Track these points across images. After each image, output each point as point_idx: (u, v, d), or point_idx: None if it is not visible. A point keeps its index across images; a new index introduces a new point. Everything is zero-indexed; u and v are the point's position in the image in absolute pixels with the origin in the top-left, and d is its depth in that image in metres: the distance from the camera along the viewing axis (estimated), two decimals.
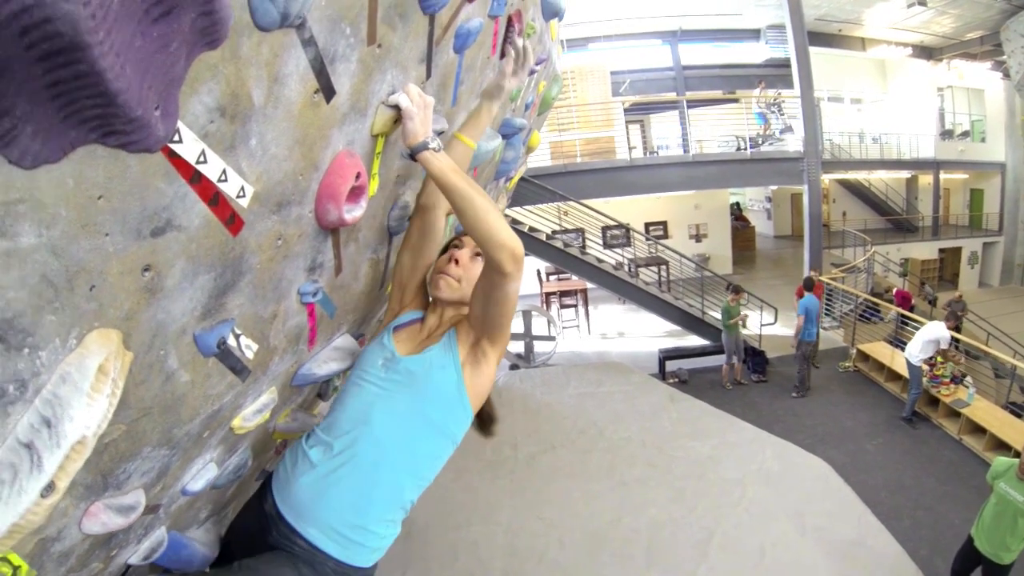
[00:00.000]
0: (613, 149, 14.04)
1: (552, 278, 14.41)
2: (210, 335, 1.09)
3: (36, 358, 0.73)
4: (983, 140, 18.61)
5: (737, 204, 22.30)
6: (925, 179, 18.85)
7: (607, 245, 12.62)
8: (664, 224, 16.99)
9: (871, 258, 14.05)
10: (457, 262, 1.72)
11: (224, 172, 0.88)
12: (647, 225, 16.82)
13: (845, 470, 6.63)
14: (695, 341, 11.04)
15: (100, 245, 0.74)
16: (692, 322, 10.90)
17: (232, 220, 0.96)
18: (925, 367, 7.82)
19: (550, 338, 11.53)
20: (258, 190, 1.00)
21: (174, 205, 0.83)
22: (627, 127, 16.21)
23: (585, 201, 11.40)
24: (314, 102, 1.05)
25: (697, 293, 11.18)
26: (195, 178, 0.83)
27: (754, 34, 18.00)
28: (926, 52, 18.51)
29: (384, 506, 1.53)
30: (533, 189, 10.62)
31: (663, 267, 12.37)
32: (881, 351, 9.47)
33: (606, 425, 7.25)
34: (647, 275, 12.43)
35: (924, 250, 17.94)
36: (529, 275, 13.07)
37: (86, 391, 0.79)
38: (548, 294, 13.28)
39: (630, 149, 15.58)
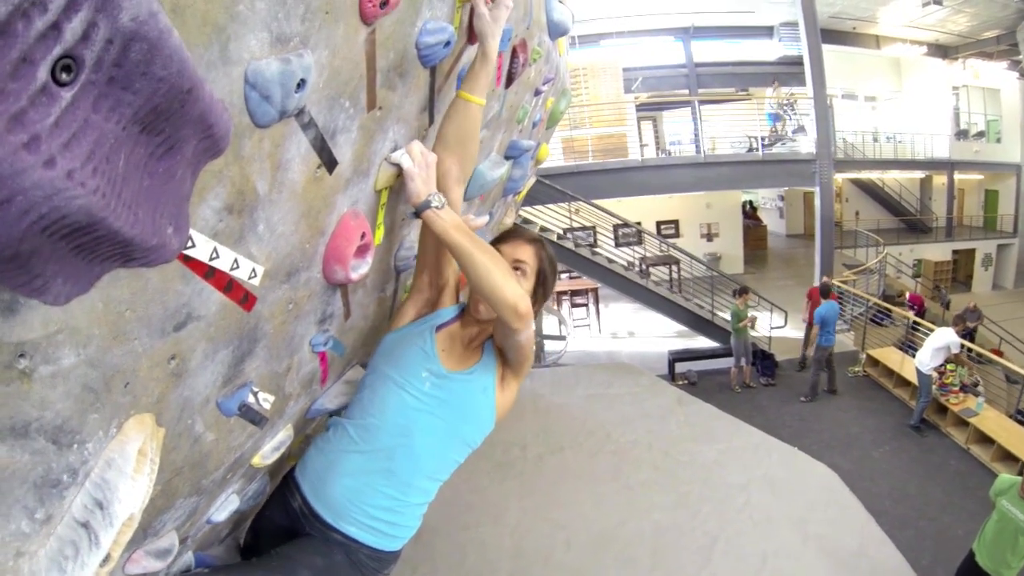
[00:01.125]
0: (625, 146, 14.03)
1: (563, 276, 14.45)
2: (231, 400, 1.16)
3: (84, 450, 0.82)
4: (999, 140, 18.43)
5: (750, 202, 22.21)
6: (939, 179, 18.70)
7: (619, 243, 12.64)
8: (676, 223, 16.99)
9: (883, 260, 13.98)
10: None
11: (236, 261, 0.94)
12: (659, 224, 16.82)
13: (850, 477, 6.65)
14: (705, 343, 11.07)
15: (130, 349, 0.82)
16: (701, 324, 10.93)
17: (246, 299, 1.03)
18: (935, 375, 7.81)
19: (561, 337, 11.60)
20: (268, 268, 1.06)
21: (192, 300, 0.90)
22: (639, 123, 16.20)
23: (596, 200, 11.44)
24: (317, 176, 1.10)
25: (708, 293, 11.21)
26: (209, 273, 0.90)
27: (767, 31, 17.90)
28: (941, 51, 18.35)
29: (415, 506, 1.63)
30: (544, 188, 10.65)
31: (674, 266, 12.38)
32: (891, 357, 9.47)
33: (614, 427, 7.29)
34: (658, 274, 12.45)
35: (937, 251, 17.83)
36: None
37: (130, 474, 0.87)
38: (559, 293, 13.31)
39: (642, 147, 15.58)
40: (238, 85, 0.80)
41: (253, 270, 1.00)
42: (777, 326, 10.95)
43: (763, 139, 13.16)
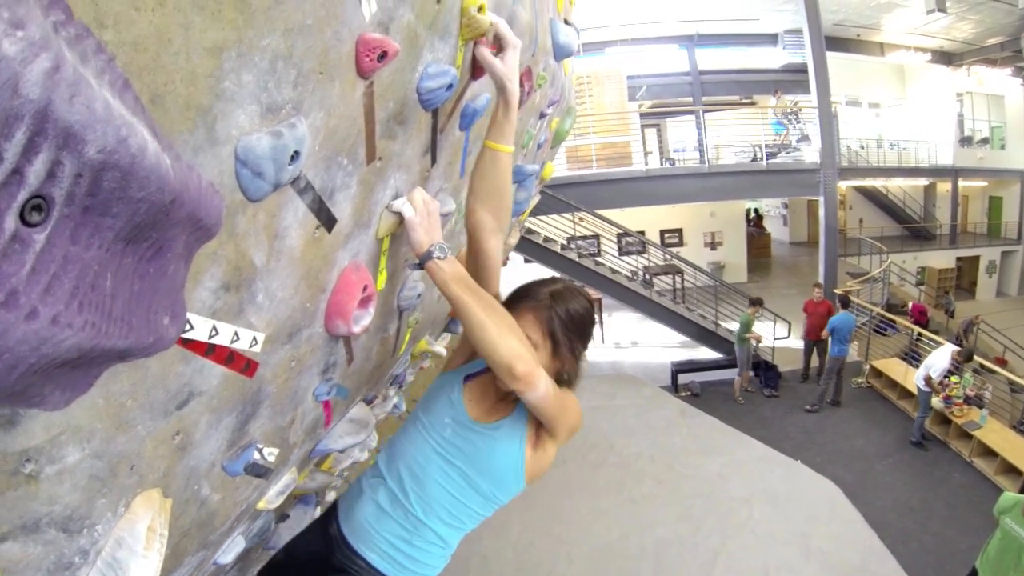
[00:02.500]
0: (629, 155, 14.05)
1: None
2: (237, 463, 1.19)
3: (94, 532, 0.84)
4: (1003, 147, 18.43)
5: (756, 210, 22.20)
6: (943, 186, 18.69)
7: (622, 252, 12.65)
8: (679, 231, 16.99)
9: (887, 268, 13.96)
10: None
11: (236, 334, 0.96)
12: (662, 232, 16.83)
13: (853, 491, 6.66)
14: (708, 354, 11.07)
15: (134, 435, 0.84)
16: (705, 335, 10.93)
17: (247, 367, 1.06)
18: (938, 386, 7.78)
19: None
20: (269, 333, 1.08)
21: (193, 379, 0.93)
22: (643, 131, 16.21)
23: (600, 210, 11.46)
24: (316, 237, 1.10)
25: (712, 303, 11.22)
26: (209, 350, 0.92)
27: (771, 39, 17.90)
28: (945, 57, 18.35)
29: (433, 546, 1.60)
30: (548, 199, 10.68)
31: (678, 276, 12.38)
32: (895, 368, 9.46)
33: (617, 439, 7.31)
34: (662, 283, 12.46)
35: (941, 259, 17.80)
36: None
37: (141, 552, 0.90)
38: None
39: (646, 155, 15.59)
40: (228, 164, 0.78)
41: (254, 338, 1.03)
42: (781, 337, 10.93)
43: (767, 148, 13.16)
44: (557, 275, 1.69)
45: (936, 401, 7.81)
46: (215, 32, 0.65)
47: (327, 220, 1.12)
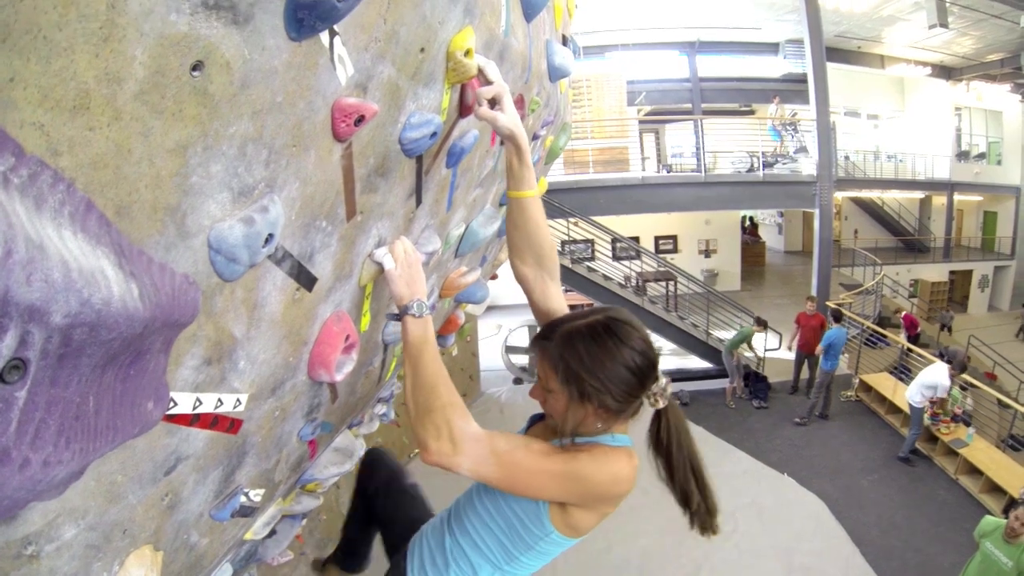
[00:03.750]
0: (626, 159, 14.06)
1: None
2: (224, 510, 1.22)
3: None
4: (999, 163, 18.53)
5: (751, 218, 22.25)
6: (939, 200, 18.79)
7: (616, 257, 12.66)
8: (674, 238, 17.03)
9: (881, 281, 14.02)
10: (539, 400, 1.43)
11: (219, 400, 0.99)
12: (657, 239, 16.87)
13: (838, 505, 6.71)
14: (698, 363, 11.12)
15: (125, 505, 0.87)
16: (696, 344, 10.96)
17: (232, 426, 1.08)
18: (928, 405, 7.80)
19: None
20: (252, 392, 1.10)
21: (179, 447, 0.95)
22: (641, 136, 16.21)
23: (596, 216, 11.48)
24: (296, 299, 1.10)
25: (703, 311, 11.26)
26: (194, 420, 0.95)
27: (772, 48, 17.93)
28: (945, 72, 18.40)
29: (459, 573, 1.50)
30: (544, 205, 10.66)
31: (671, 282, 12.39)
32: (884, 383, 9.50)
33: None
34: (655, 289, 12.48)
35: (934, 272, 17.90)
36: None
37: None
38: None
39: (643, 160, 15.59)
40: (202, 253, 0.78)
41: (237, 400, 1.05)
42: (771, 348, 10.97)
43: (764, 157, 13.18)
44: (605, 306, 1.44)
45: (924, 417, 7.85)
46: (177, 132, 0.65)
47: (307, 282, 1.12)
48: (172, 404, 0.86)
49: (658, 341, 11.30)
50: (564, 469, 1.29)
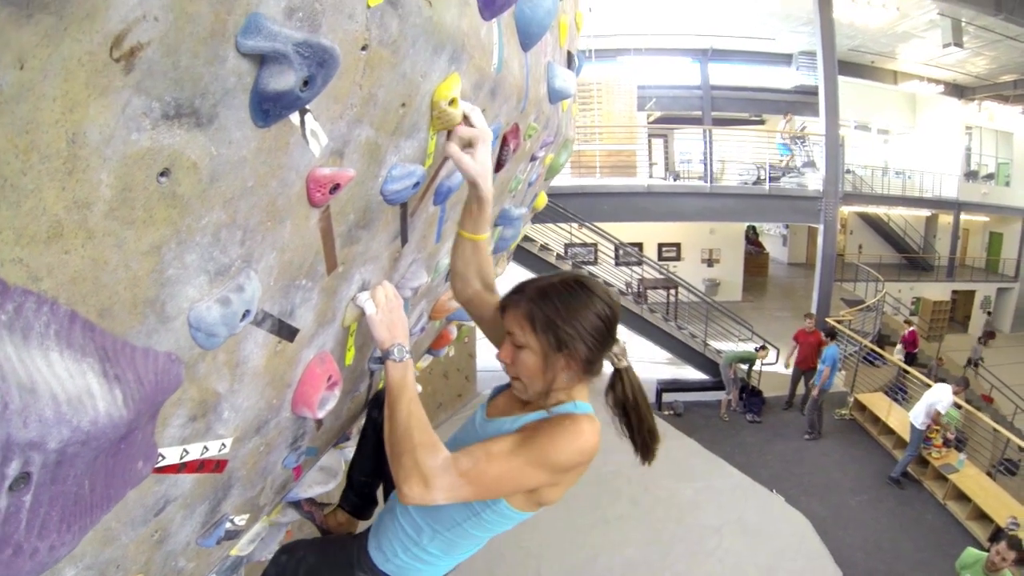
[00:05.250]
0: (634, 164, 14.06)
1: None
2: (210, 538, 1.28)
3: None
4: (1007, 184, 18.45)
5: (753, 228, 22.23)
6: (945, 218, 18.72)
7: (619, 262, 12.65)
8: (678, 246, 17.02)
9: (883, 299, 13.99)
10: (507, 361, 1.44)
11: (204, 447, 1.04)
12: (660, 246, 16.86)
13: (824, 525, 6.74)
14: (694, 373, 11.13)
15: (119, 545, 0.94)
16: (693, 355, 10.98)
17: (218, 466, 1.13)
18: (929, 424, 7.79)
19: None
20: (237, 436, 1.15)
21: (168, 491, 1.01)
22: (650, 141, 16.18)
23: (600, 223, 11.49)
24: (278, 351, 1.13)
25: (703, 320, 11.27)
26: (181, 468, 1.00)
27: (785, 59, 17.92)
28: (958, 90, 18.36)
29: (401, 537, 1.53)
30: (548, 208, 10.69)
31: (672, 290, 12.39)
32: (878, 403, 9.52)
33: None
34: (656, 296, 12.49)
35: (937, 291, 17.85)
36: None
37: None
38: None
39: (651, 165, 15.59)
40: (183, 331, 0.81)
41: (222, 444, 1.09)
42: (768, 362, 10.97)
43: (771, 170, 13.16)
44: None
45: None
46: (150, 236, 0.68)
47: (288, 334, 1.15)
48: (160, 459, 0.91)
49: (655, 351, 11.36)
50: (530, 459, 1.32)
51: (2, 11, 0.44)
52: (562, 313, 1.35)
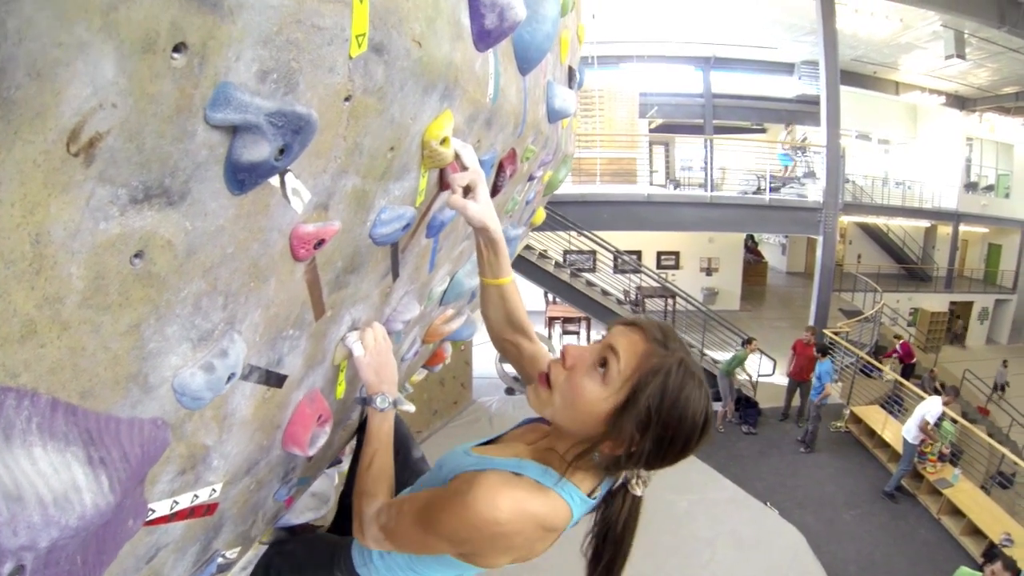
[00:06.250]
0: (634, 171, 14.06)
1: (559, 300, 14.52)
2: (203, 574, 1.28)
3: None
4: (1007, 196, 18.50)
5: (752, 237, 22.24)
6: (944, 229, 18.78)
7: (617, 269, 12.66)
8: (676, 254, 17.03)
9: (880, 310, 14.00)
10: (567, 366, 1.15)
11: (195, 496, 1.04)
12: (659, 254, 16.88)
13: (818, 539, 6.75)
14: None
15: None
16: None
17: (208, 510, 1.14)
18: (932, 431, 7.80)
19: None
20: (227, 480, 1.15)
21: (159, 539, 1.02)
22: (651, 148, 16.18)
23: (599, 232, 11.50)
24: (267, 398, 1.13)
25: (700, 330, 11.29)
26: (171, 518, 1.01)
27: (788, 68, 17.93)
28: (959, 102, 18.39)
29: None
30: (548, 217, 10.68)
31: (671, 299, 12.39)
32: (874, 416, 9.53)
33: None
34: (653, 305, 12.50)
35: (935, 301, 17.88)
36: (535, 295, 13.16)
37: None
38: (552, 318, 13.37)
39: (651, 173, 15.59)
40: (168, 397, 0.80)
41: (212, 490, 1.10)
42: (765, 373, 10.98)
43: (771, 180, 13.18)
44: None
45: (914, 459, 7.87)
46: (127, 317, 0.66)
47: (277, 382, 1.14)
48: (151, 512, 0.92)
49: None
50: (422, 520, 1.16)
51: None
52: (673, 393, 1.05)
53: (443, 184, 1.41)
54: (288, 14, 0.65)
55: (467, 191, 1.34)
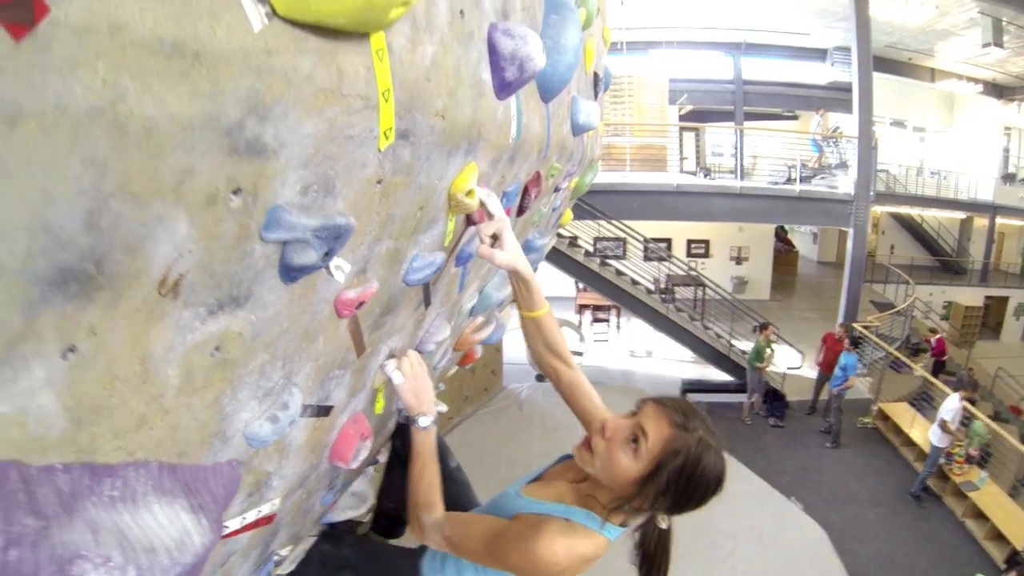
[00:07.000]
0: (664, 159, 14.00)
1: (589, 288, 14.52)
2: (262, 572, 1.47)
3: None
4: None
5: (782, 226, 21.99)
6: (980, 221, 18.38)
7: (647, 257, 12.62)
8: (707, 243, 16.95)
9: (912, 304, 13.79)
10: (606, 437, 1.36)
11: (259, 511, 1.20)
12: (689, 242, 16.82)
13: (840, 536, 6.76)
14: (718, 375, 11.14)
15: None
16: (718, 357, 10.97)
17: (268, 520, 1.28)
18: (956, 432, 7.69)
19: (578, 353, 11.70)
20: (284, 494, 1.29)
21: (231, 548, 1.18)
22: (681, 134, 16.03)
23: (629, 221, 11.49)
24: (316, 427, 1.28)
25: (728, 320, 11.27)
26: (241, 530, 1.16)
27: (820, 54, 17.61)
28: (997, 90, 17.91)
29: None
30: (576, 207, 10.70)
31: (700, 288, 12.38)
32: (902, 414, 9.45)
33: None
34: (683, 294, 12.47)
35: (969, 295, 17.54)
36: (566, 282, 13.18)
37: None
38: (582, 305, 13.38)
39: (681, 160, 15.48)
40: (241, 443, 0.95)
41: (272, 504, 1.25)
42: (793, 366, 10.92)
43: (802, 169, 12.98)
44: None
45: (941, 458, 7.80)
46: (211, 393, 0.80)
47: (325, 412, 1.29)
48: (225, 529, 1.06)
49: (680, 350, 11.40)
50: (488, 544, 1.38)
51: (70, 302, 0.54)
52: (690, 468, 1.25)
53: (469, 221, 1.49)
54: (323, 136, 0.75)
55: (494, 238, 1.45)
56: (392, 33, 0.83)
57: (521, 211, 2.15)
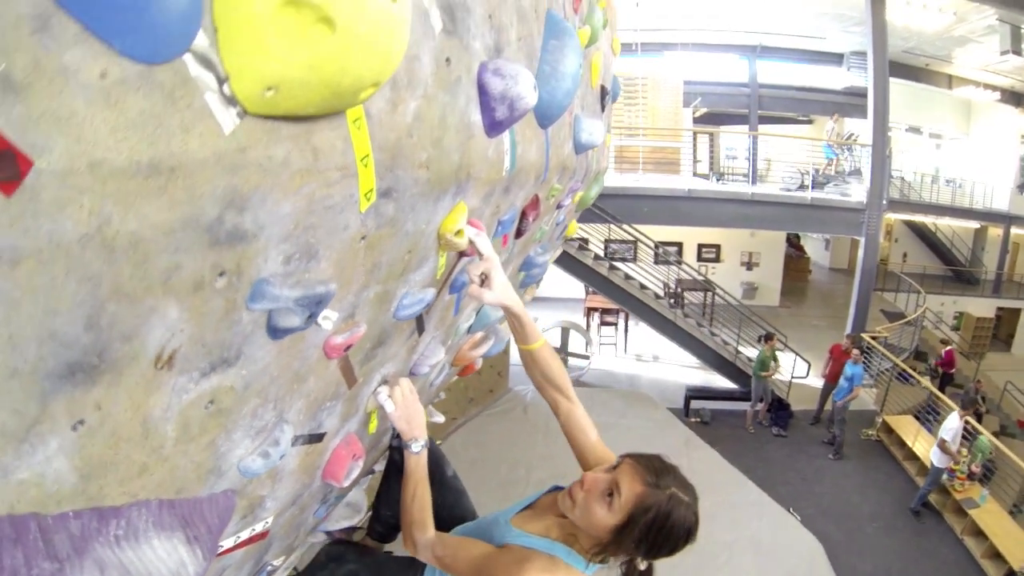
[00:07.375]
0: (678, 161, 13.96)
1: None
2: None
3: None
4: None
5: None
6: (995, 231, 18.18)
7: (658, 260, 12.59)
8: (717, 248, 16.88)
9: (923, 315, 13.68)
10: (586, 489, 1.45)
11: (252, 529, 1.27)
12: (700, 246, 16.77)
13: (837, 549, 6.74)
14: (724, 381, 11.13)
15: None
16: (724, 364, 10.95)
17: (262, 536, 1.37)
18: (956, 454, 7.68)
19: (584, 356, 11.72)
20: (276, 513, 1.36)
21: (225, 564, 1.26)
22: (695, 137, 15.97)
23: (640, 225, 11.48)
24: (308, 452, 1.34)
25: (736, 327, 11.26)
26: (234, 547, 1.24)
27: (837, 58, 17.48)
28: (1015, 98, 17.70)
29: None
30: (588, 211, 10.69)
31: (709, 293, 12.34)
32: (906, 427, 9.40)
33: None
34: (692, 299, 12.43)
35: (981, 306, 17.40)
36: (575, 284, 13.17)
37: None
38: (590, 308, 13.36)
39: (695, 163, 15.41)
40: (236, 475, 1.01)
41: (265, 523, 1.33)
42: (799, 376, 10.88)
43: (816, 173, 12.90)
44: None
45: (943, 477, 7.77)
46: (206, 438, 0.88)
47: (317, 439, 1.36)
48: (219, 548, 1.13)
49: (687, 356, 11.39)
50: (474, 571, 1.47)
51: (77, 388, 0.61)
52: (660, 521, 1.35)
53: (462, 254, 1.55)
54: (302, 211, 0.81)
55: (483, 277, 1.51)
56: (370, 100, 0.84)
57: (519, 234, 2.18)
